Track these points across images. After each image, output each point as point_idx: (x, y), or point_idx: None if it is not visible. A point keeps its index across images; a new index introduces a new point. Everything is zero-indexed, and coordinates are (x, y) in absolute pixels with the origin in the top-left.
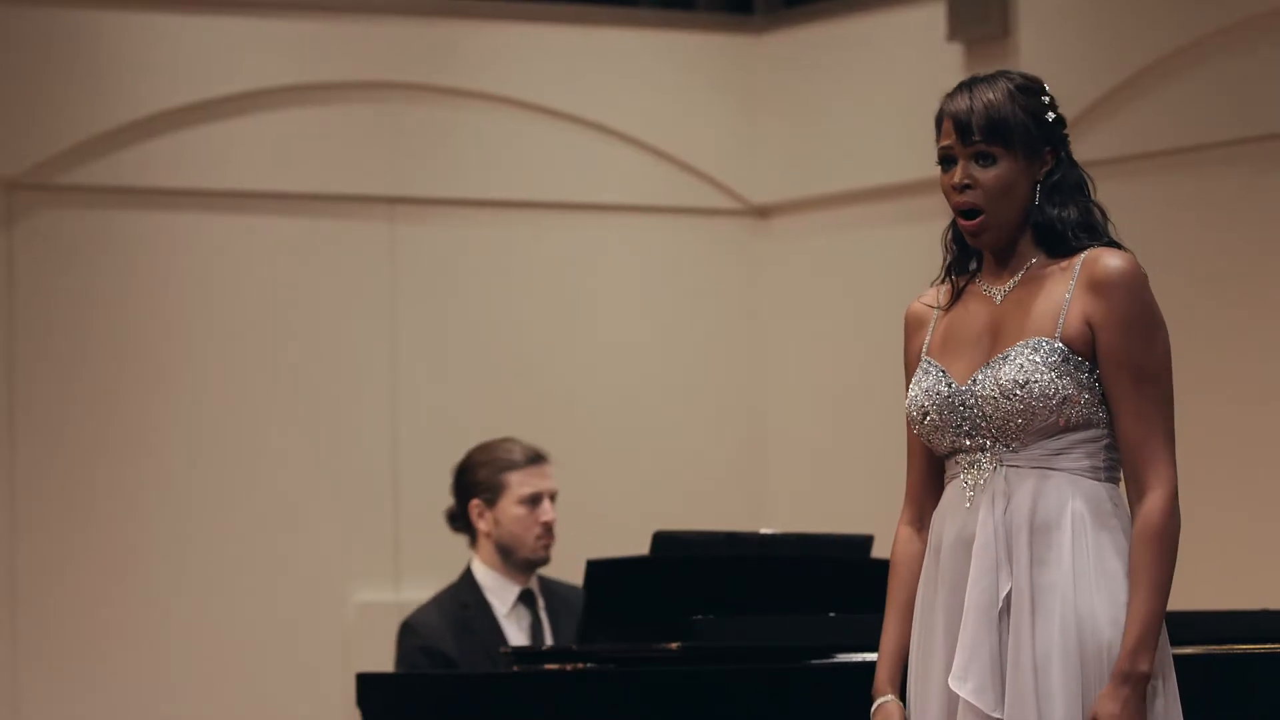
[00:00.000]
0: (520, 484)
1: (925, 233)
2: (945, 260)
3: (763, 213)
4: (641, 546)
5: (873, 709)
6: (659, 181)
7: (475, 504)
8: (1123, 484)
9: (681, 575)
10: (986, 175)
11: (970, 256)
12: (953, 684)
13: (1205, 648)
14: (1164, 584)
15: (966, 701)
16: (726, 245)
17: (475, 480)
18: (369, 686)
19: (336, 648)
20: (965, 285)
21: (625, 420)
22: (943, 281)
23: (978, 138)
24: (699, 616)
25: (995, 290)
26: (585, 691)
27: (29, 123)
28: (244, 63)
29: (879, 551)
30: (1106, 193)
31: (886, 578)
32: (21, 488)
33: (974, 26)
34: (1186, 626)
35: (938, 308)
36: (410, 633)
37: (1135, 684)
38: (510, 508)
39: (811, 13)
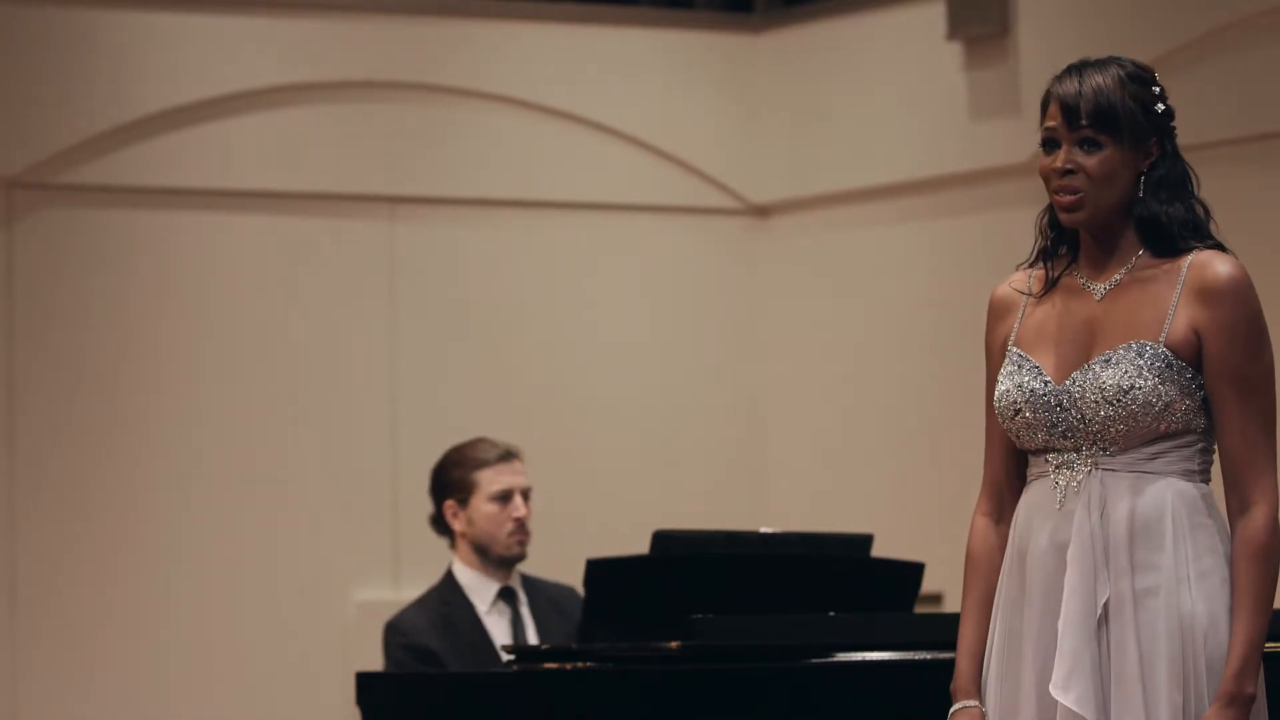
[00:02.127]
0: (491, 481)
1: (925, 232)
2: (1037, 244)
3: (762, 212)
4: (641, 546)
5: (952, 710)
6: (659, 181)
7: (449, 504)
8: (1214, 484)
9: (681, 575)
10: (1090, 161)
11: (1063, 244)
12: (1055, 692)
13: None
14: (1270, 602)
15: (1067, 709)
16: (726, 244)
17: (448, 481)
18: (368, 685)
19: (336, 647)
20: (1060, 275)
21: (625, 419)
22: (1032, 265)
23: (1085, 123)
24: (699, 616)
25: (1096, 285)
26: (585, 691)
27: (29, 123)
28: (244, 63)
29: (879, 551)
30: None
31: (886, 578)
32: (21, 487)
33: (974, 25)
34: None
35: (1028, 294)
36: (395, 632)
37: (1241, 705)
38: (482, 505)
39: (811, 12)
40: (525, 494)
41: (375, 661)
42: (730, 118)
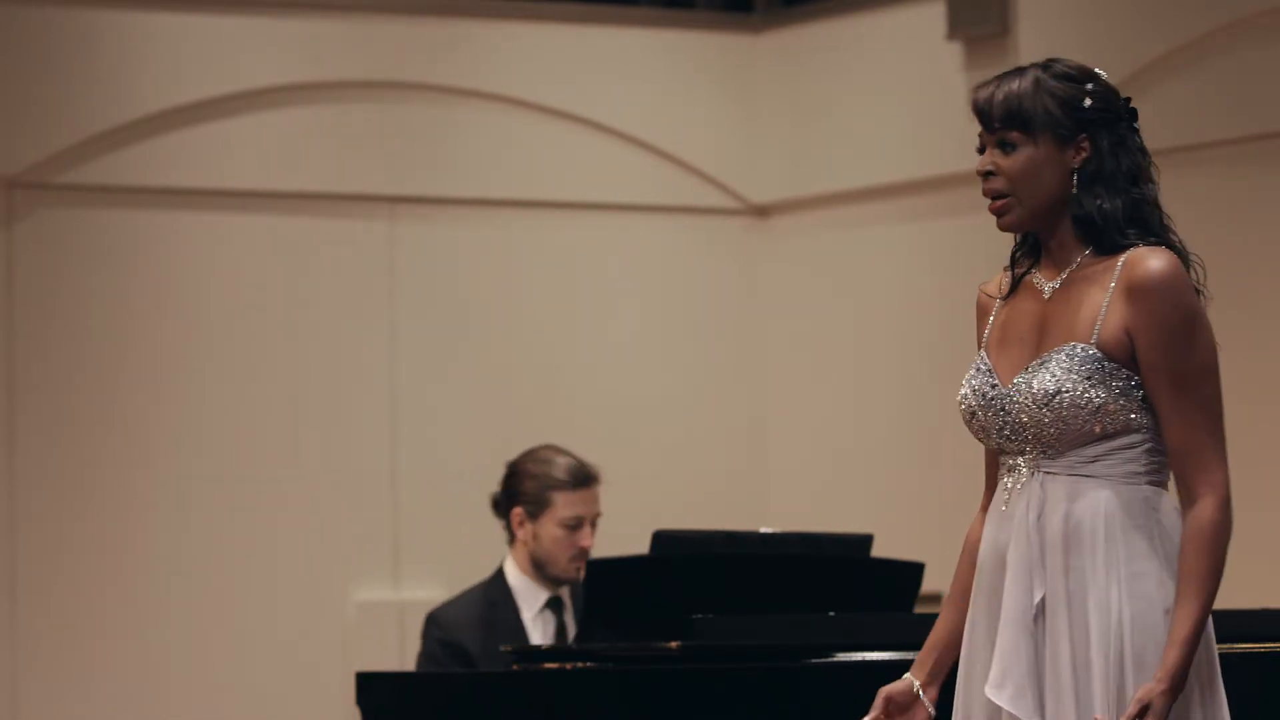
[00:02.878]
0: (565, 506)
1: (925, 232)
2: (1014, 250)
3: (762, 212)
4: (641, 546)
5: None
6: (659, 181)
7: (517, 512)
8: (1170, 486)
9: (681, 574)
10: (1007, 162)
11: (1028, 245)
12: (989, 691)
13: None
14: (1210, 592)
15: (1008, 710)
16: (726, 244)
17: (521, 489)
18: (368, 685)
19: (336, 646)
20: (1022, 276)
21: (625, 419)
22: (1006, 269)
23: (998, 125)
24: (698, 616)
25: (1046, 285)
26: (584, 690)
27: (29, 123)
28: (244, 63)
29: (879, 551)
30: None
31: (886, 578)
32: (21, 486)
33: (974, 25)
34: None
35: (999, 298)
36: (434, 625)
37: (1173, 689)
38: (550, 527)
39: (811, 12)
40: (594, 521)
41: (376, 661)
42: (730, 118)
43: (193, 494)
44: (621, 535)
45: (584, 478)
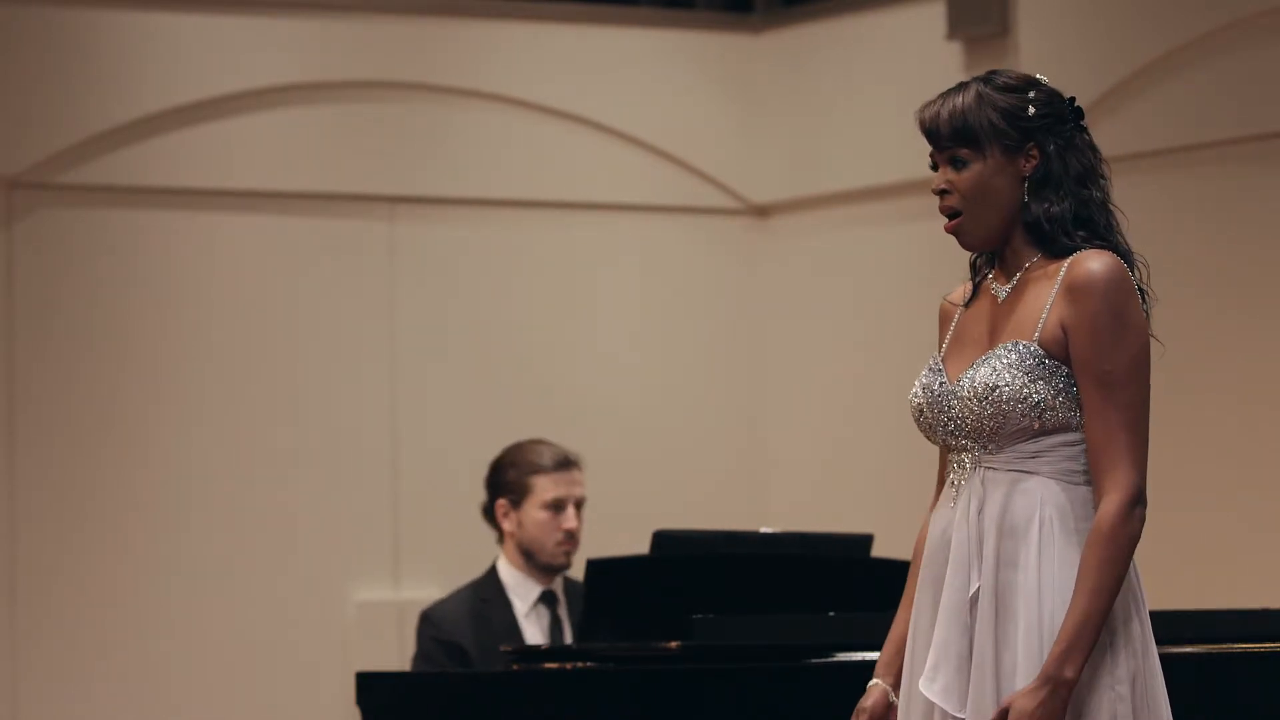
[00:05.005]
0: (545, 489)
1: (925, 232)
2: (971, 258)
3: (762, 212)
4: (641, 546)
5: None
6: (659, 181)
7: (501, 503)
8: None
9: (681, 574)
10: (959, 178)
11: (985, 254)
12: (921, 685)
13: (1204, 647)
14: (1106, 589)
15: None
16: (726, 244)
17: (504, 480)
18: (368, 685)
19: (336, 647)
20: (980, 282)
21: (625, 419)
22: (968, 279)
23: (946, 143)
24: (699, 616)
25: (1000, 290)
26: (584, 690)
27: (29, 122)
28: (244, 63)
29: (879, 551)
30: None
31: (886, 578)
32: (21, 486)
33: (974, 25)
34: (1186, 625)
35: (961, 306)
36: (428, 623)
37: (1056, 687)
38: (534, 511)
39: (811, 12)
40: (579, 504)
41: (376, 661)
42: (730, 118)
43: (193, 494)
44: (621, 535)
45: (563, 461)
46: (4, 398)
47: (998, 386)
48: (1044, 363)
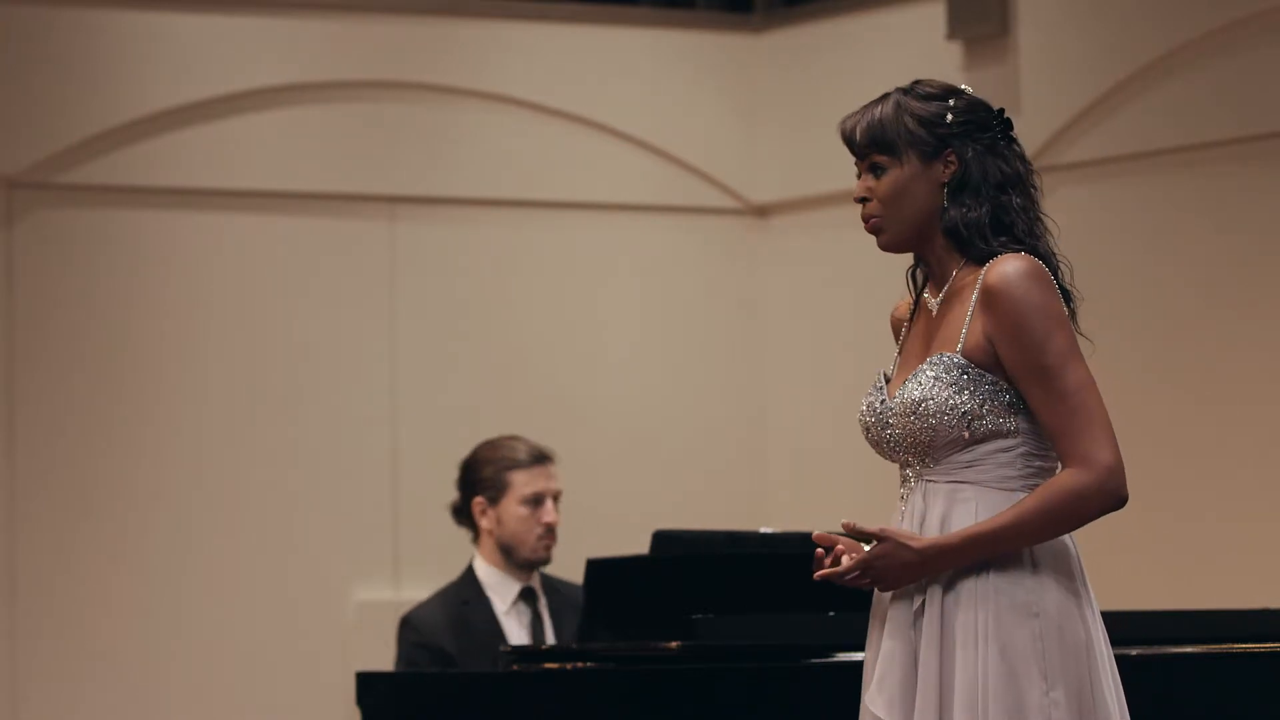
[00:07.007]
0: (523, 484)
1: None
2: (908, 270)
3: (762, 212)
4: (641, 546)
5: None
6: (659, 181)
7: (478, 501)
8: None
9: (681, 574)
10: (878, 185)
11: (920, 267)
12: (866, 699)
13: (1203, 647)
14: (1023, 535)
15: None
16: (726, 244)
17: (479, 477)
18: (368, 685)
19: (336, 646)
20: (919, 297)
21: (625, 419)
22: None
23: (864, 151)
24: (698, 616)
25: (934, 302)
26: (584, 690)
27: (29, 122)
28: (244, 63)
29: None
30: (1105, 192)
31: None
32: (21, 486)
33: (973, 26)
34: (1186, 626)
35: (906, 320)
36: (409, 629)
37: (926, 560)
38: (512, 507)
39: (811, 12)
40: (556, 498)
41: (376, 660)
42: (730, 118)
43: (193, 494)
44: (621, 535)
45: (539, 455)
46: (4, 398)
47: (924, 400)
48: (967, 372)
